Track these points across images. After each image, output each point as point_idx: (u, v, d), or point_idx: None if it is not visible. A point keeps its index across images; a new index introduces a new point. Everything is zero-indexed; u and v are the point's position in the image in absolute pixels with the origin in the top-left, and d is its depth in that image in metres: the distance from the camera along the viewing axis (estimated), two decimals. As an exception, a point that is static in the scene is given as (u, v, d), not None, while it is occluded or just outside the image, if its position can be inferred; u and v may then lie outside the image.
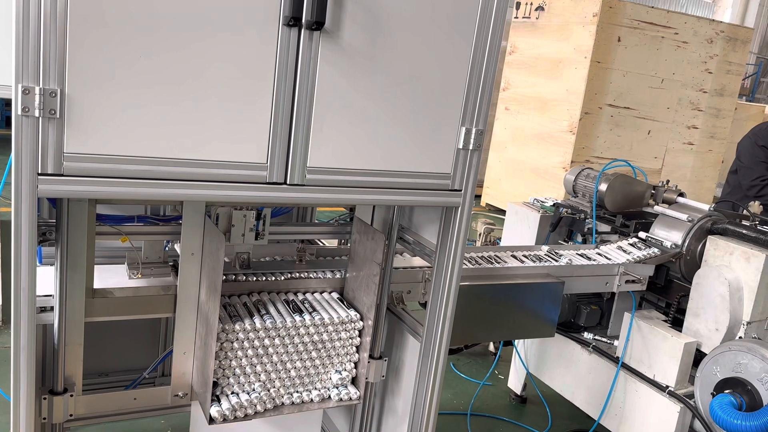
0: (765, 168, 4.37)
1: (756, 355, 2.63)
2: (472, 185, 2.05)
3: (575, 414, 3.49)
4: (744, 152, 4.50)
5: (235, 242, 2.25)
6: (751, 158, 4.40)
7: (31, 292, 1.56)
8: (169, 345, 2.48)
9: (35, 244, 1.53)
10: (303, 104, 1.72)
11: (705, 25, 8.37)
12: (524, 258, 3.01)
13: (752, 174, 4.40)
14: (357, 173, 1.86)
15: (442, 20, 1.85)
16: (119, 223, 2.09)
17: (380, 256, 2.17)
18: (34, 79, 1.42)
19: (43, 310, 1.96)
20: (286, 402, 2.16)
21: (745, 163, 4.45)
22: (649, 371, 3.03)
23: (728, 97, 9.05)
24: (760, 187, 4.34)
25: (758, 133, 4.48)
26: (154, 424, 3.15)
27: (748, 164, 4.43)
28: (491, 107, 2.02)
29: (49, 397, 1.95)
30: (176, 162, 1.61)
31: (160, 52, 1.52)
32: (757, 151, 4.37)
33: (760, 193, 4.30)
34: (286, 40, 1.65)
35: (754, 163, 4.39)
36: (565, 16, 7.92)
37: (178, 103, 1.57)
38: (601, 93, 7.78)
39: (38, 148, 1.46)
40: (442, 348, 2.23)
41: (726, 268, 2.92)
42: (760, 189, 4.33)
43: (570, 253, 3.16)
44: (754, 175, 4.38)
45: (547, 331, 2.92)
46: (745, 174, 4.46)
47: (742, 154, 4.51)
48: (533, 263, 2.95)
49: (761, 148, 4.36)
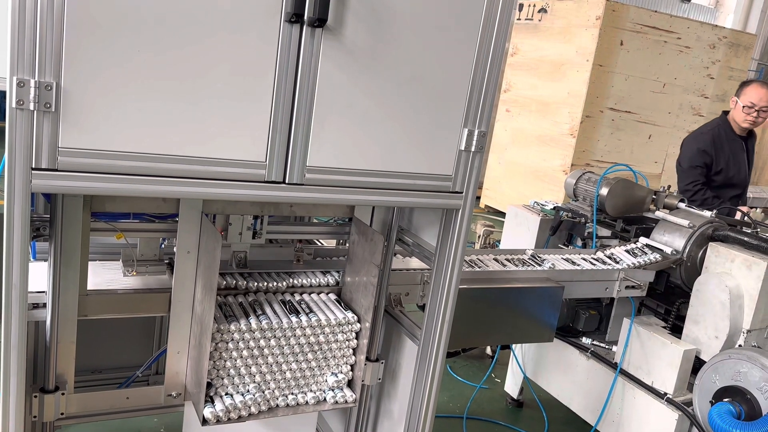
0: (700, 173, 4.37)
1: (756, 364, 2.61)
2: (474, 188, 2.02)
3: (572, 419, 3.46)
4: (684, 156, 4.49)
5: (233, 241, 2.23)
6: (690, 162, 4.40)
7: (23, 287, 1.53)
8: (163, 343, 2.45)
9: (28, 240, 1.51)
10: (303, 103, 1.70)
11: (708, 30, 8.35)
12: (506, 261, 2.96)
13: (688, 178, 4.40)
14: (357, 173, 1.83)
15: (446, 20, 1.82)
16: (114, 220, 2.06)
17: (379, 257, 2.14)
18: (30, 71, 1.40)
19: (35, 306, 1.93)
20: (281, 404, 2.13)
21: (684, 166, 4.46)
22: (648, 378, 3.01)
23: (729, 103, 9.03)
24: (693, 192, 4.34)
25: (699, 138, 4.47)
26: (147, 423, 3.12)
27: (687, 167, 4.43)
28: (493, 109, 2.00)
29: (39, 395, 1.92)
30: (173, 159, 1.58)
31: (159, 46, 1.50)
32: (697, 156, 4.37)
33: (692, 198, 4.30)
34: (287, 37, 1.62)
35: (691, 167, 4.39)
36: (567, 18, 7.90)
37: (177, 99, 1.55)
38: (602, 96, 7.76)
39: (32, 142, 1.43)
40: (439, 351, 2.20)
41: (727, 276, 2.90)
42: (692, 194, 4.33)
43: (554, 257, 3.10)
44: (690, 179, 4.39)
45: (546, 336, 2.90)
46: (682, 176, 4.47)
47: (682, 157, 4.51)
48: (515, 267, 2.90)
49: (701, 153, 4.36)
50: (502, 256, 3.04)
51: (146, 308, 2.13)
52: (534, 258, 3.06)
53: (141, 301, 2.11)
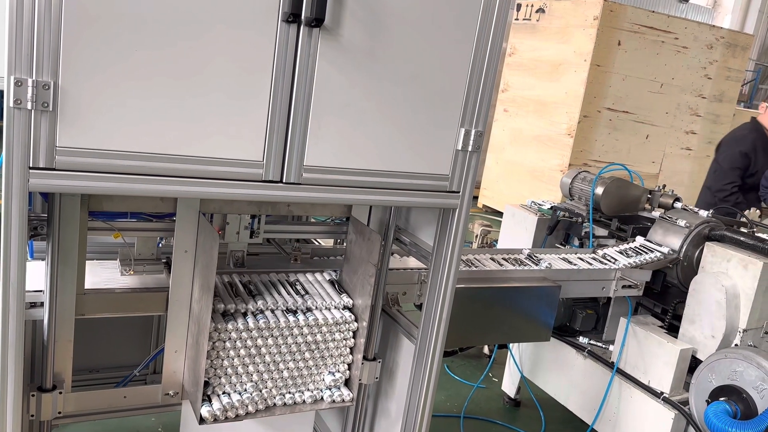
0: (738, 175, 4.39)
1: (752, 363, 2.62)
2: (471, 187, 2.03)
3: (569, 418, 3.47)
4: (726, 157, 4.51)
5: (230, 240, 2.23)
6: (731, 163, 4.42)
7: (20, 286, 1.53)
8: (161, 342, 2.45)
9: (25, 239, 1.51)
10: (301, 102, 1.70)
11: (705, 30, 8.37)
12: (503, 261, 2.97)
13: (727, 178, 4.42)
14: (354, 173, 1.83)
15: (444, 20, 1.83)
16: (112, 219, 2.06)
17: (376, 257, 2.15)
18: (27, 70, 1.40)
19: (33, 305, 1.93)
20: (278, 403, 2.13)
21: (725, 166, 4.48)
22: (644, 377, 3.02)
23: (727, 103, 9.05)
24: (729, 193, 4.36)
25: (741, 141, 4.48)
26: (144, 422, 3.12)
27: (727, 168, 4.45)
28: (490, 108, 2.00)
29: (37, 394, 1.92)
30: (171, 158, 1.59)
31: (157, 45, 1.50)
32: (739, 159, 4.38)
33: (726, 198, 4.32)
34: (284, 37, 1.63)
35: (732, 168, 4.41)
36: (565, 18, 7.91)
37: (174, 98, 1.55)
38: (600, 96, 7.77)
39: (30, 141, 1.44)
40: (436, 350, 2.20)
41: (723, 275, 2.91)
42: (728, 194, 4.35)
43: (551, 257, 3.12)
44: (728, 179, 4.40)
45: (543, 335, 2.91)
46: (720, 176, 4.49)
47: (723, 158, 4.53)
48: (513, 266, 2.90)
49: (743, 156, 4.37)
50: (499, 256, 3.04)
51: (143, 307, 2.13)
52: (531, 257, 3.07)
53: (138, 301, 2.10)
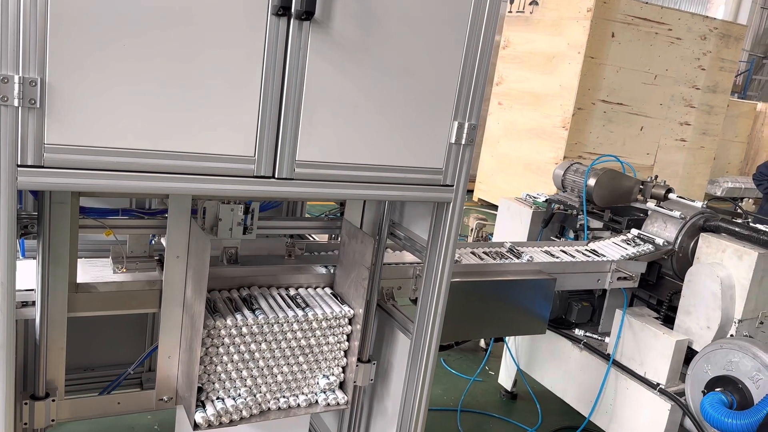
0: None
1: (747, 354, 2.62)
2: (464, 181, 2.02)
3: (565, 411, 3.47)
4: None
5: (223, 237, 2.21)
6: None
7: (11, 285, 1.51)
8: (155, 340, 2.43)
9: (15, 238, 1.49)
10: (292, 97, 1.68)
11: (699, 21, 8.37)
12: (484, 255, 2.94)
13: None
14: (347, 167, 1.82)
15: (436, 12, 1.81)
16: (103, 216, 2.04)
17: (369, 259, 2.13)
18: (14, 67, 1.38)
19: (24, 304, 1.92)
20: (273, 407, 2.12)
21: None
22: (640, 369, 3.02)
23: (721, 94, 9.06)
24: None
25: None
26: (140, 420, 3.11)
27: None
28: (484, 102, 1.99)
29: (30, 402, 1.90)
30: (161, 154, 1.57)
31: (145, 41, 1.48)
32: None
33: None
34: (274, 31, 1.61)
35: None
36: (559, 11, 7.89)
37: (164, 94, 1.53)
38: (594, 89, 7.77)
39: (17, 139, 1.41)
40: (432, 344, 2.20)
41: (718, 266, 2.91)
42: None
43: (532, 250, 3.09)
44: None
45: (539, 328, 2.90)
46: None
47: None
48: (493, 260, 2.87)
49: None
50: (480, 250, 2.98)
51: (136, 305, 2.11)
52: (512, 250, 3.03)
53: (131, 298, 2.09)
